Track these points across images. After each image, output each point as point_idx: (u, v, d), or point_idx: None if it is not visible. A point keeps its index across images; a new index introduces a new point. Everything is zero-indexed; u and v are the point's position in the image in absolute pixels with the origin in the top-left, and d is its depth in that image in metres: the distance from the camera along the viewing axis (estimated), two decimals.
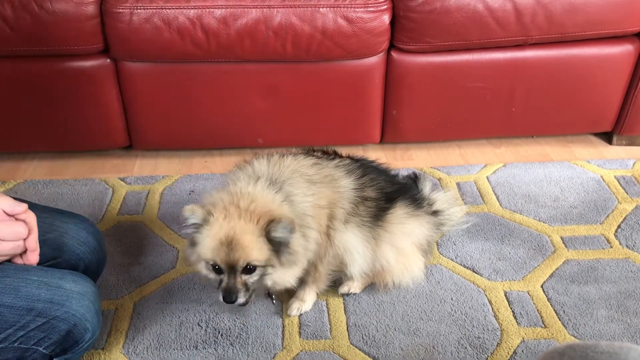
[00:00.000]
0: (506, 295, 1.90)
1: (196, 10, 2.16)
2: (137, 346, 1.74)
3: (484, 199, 2.32)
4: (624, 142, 2.67)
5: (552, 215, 2.23)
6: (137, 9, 2.15)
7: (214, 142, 2.60)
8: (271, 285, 1.62)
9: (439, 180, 2.44)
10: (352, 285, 1.88)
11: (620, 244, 2.09)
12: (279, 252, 1.55)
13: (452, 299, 1.88)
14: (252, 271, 1.56)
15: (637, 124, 2.56)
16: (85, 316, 1.43)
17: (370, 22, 2.20)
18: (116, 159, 2.60)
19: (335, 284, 1.88)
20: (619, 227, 2.17)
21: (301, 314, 1.84)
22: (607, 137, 2.71)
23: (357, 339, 1.76)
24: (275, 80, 2.36)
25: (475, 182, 2.42)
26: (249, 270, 1.56)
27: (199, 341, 1.75)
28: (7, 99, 2.34)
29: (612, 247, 2.08)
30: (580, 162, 2.54)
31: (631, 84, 2.47)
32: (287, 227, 1.51)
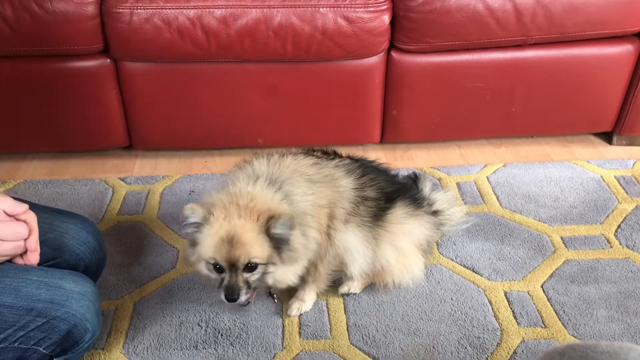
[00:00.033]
0: (506, 295, 1.90)
1: (196, 10, 2.16)
2: (137, 346, 1.74)
3: (484, 199, 2.32)
4: (624, 142, 2.67)
5: (552, 215, 2.23)
6: (137, 9, 2.15)
7: (214, 142, 2.60)
8: (272, 283, 1.62)
9: (439, 180, 2.44)
10: (352, 285, 1.88)
11: (620, 244, 2.09)
12: (279, 249, 1.55)
13: (452, 299, 1.88)
14: (254, 269, 1.56)
15: (637, 124, 2.56)
16: (85, 316, 1.43)
17: (370, 22, 2.20)
18: (116, 159, 2.60)
19: (335, 284, 1.88)
20: (619, 227, 2.17)
21: (301, 314, 1.84)
22: (607, 137, 2.71)
23: (357, 339, 1.76)
24: (275, 80, 2.36)
25: (475, 182, 2.42)
26: (250, 268, 1.56)
27: (199, 341, 1.75)
28: (7, 99, 2.34)
29: (612, 247, 2.08)
30: (580, 162, 2.54)
31: (631, 84, 2.47)
32: (287, 223, 1.51)
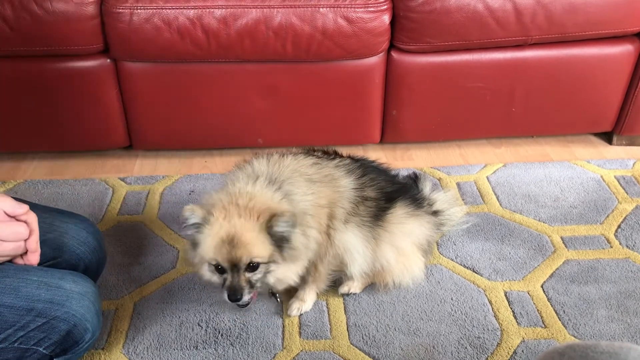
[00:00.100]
0: (506, 295, 1.90)
1: (196, 10, 2.16)
2: (137, 346, 1.74)
3: (484, 199, 2.32)
4: (624, 142, 2.67)
5: (552, 215, 2.23)
6: (137, 9, 2.15)
7: (214, 142, 2.60)
8: (274, 282, 1.62)
9: (439, 180, 2.44)
10: (352, 285, 1.88)
11: (620, 244, 2.09)
12: (281, 248, 1.55)
13: (452, 299, 1.88)
14: (256, 268, 1.56)
15: (637, 124, 2.56)
16: (85, 316, 1.43)
17: (370, 22, 2.20)
18: (116, 159, 2.60)
19: (335, 284, 1.88)
20: (619, 227, 2.17)
21: (301, 314, 1.84)
22: (607, 137, 2.71)
23: (357, 339, 1.76)
24: (275, 80, 2.36)
25: (475, 182, 2.42)
26: (252, 267, 1.56)
27: (199, 341, 1.75)
28: (7, 99, 2.34)
29: (612, 247, 2.08)
30: (580, 162, 2.54)
31: (631, 84, 2.47)
32: (289, 220, 1.52)
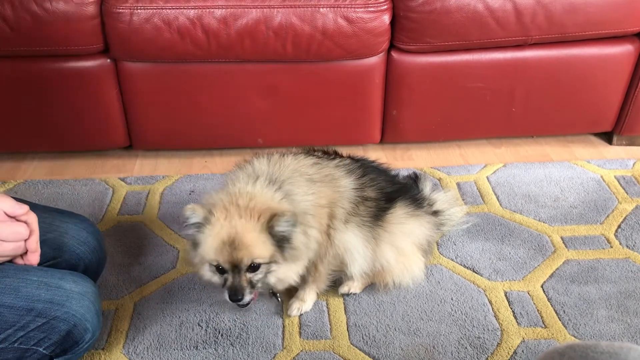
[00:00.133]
0: (506, 295, 1.90)
1: (196, 10, 2.16)
2: (138, 346, 1.74)
3: (484, 199, 2.32)
4: (624, 142, 2.67)
5: (552, 215, 2.23)
6: (137, 9, 2.15)
7: (214, 142, 2.60)
8: (275, 282, 1.62)
9: (439, 180, 2.44)
10: (352, 285, 1.88)
11: (620, 244, 2.09)
12: (281, 248, 1.55)
13: (452, 299, 1.88)
14: (257, 269, 1.56)
15: (637, 124, 2.56)
16: (85, 316, 1.43)
17: (370, 22, 2.20)
18: (116, 159, 2.60)
19: (335, 284, 1.88)
20: (619, 227, 2.17)
21: (301, 314, 1.84)
22: (607, 137, 2.71)
23: (358, 339, 1.76)
24: (275, 80, 2.36)
25: (475, 182, 2.42)
26: (253, 268, 1.56)
27: (199, 341, 1.75)
28: (7, 99, 2.34)
29: (612, 247, 2.08)
30: (580, 162, 2.54)
31: (631, 84, 2.47)
32: (290, 220, 1.52)
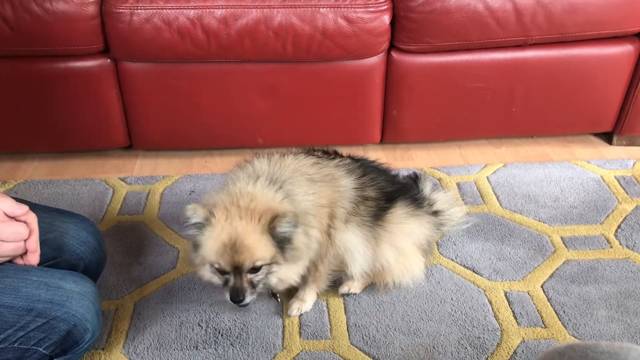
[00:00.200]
0: (506, 295, 1.90)
1: (196, 10, 2.16)
2: (138, 346, 1.74)
3: (484, 199, 2.32)
4: (624, 142, 2.67)
5: (552, 215, 2.23)
6: (137, 9, 2.15)
7: (214, 142, 2.60)
8: (276, 283, 1.62)
9: (439, 180, 2.44)
10: (352, 285, 1.88)
11: (620, 244, 2.09)
12: (283, 248, 1.55)
13: (452, 299, 1.88)
14: (258, 270, 1.56)
15: (637, 124, 2.56)
16: (85, 316, 1.43)
17: (370, 22, 2.20)
18: (116, 159, 2.60)
19: (335, 284, 1.88)
20: (619, 227, 2.17)
21: (301, 314, 1.84)
22: (607, 137, 2.71)
23: (358, 339, 1.76)
24: (275, 80, 2.36)
25: (475, 182, 2.42)
26: (254, 269, 1.55)
27: (199, 341, 1.75)
28: (7, 99, 2.34)
29: (612, 247, 2.08)
30: (580, 162, 2.54)
31: (631, 84, 2.47)
32: (291, 221, 1.52)
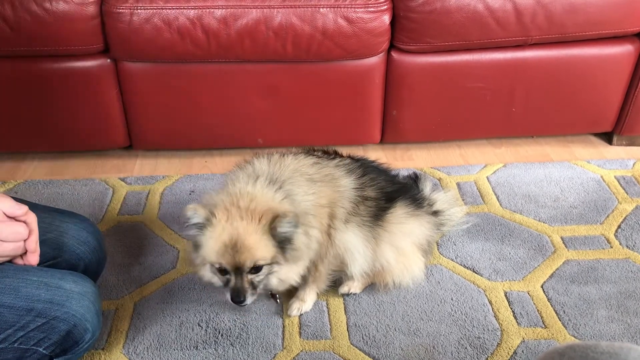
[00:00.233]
0: (506, 295, 1.90)
1: (196, 10, 2.16)
2: (138, 346, 1.74)
3: (484, 199, 2.32)
4: (624, 142, 2.67)
5: (552, 215, 2.23)
6: (137, 9, 2.15)
7: (214, 142, 2.60)
8: (276, 283, 1.62)
9: (439, 180, 2.44)
10: (352, 285, 1.88)
11: (620, 244, 2.09)
12: (283, 249, 1.55)
13: (452, 299, 1.88)
14: (259, 270, 1.56)
15: (637, 124, 2.56)
16: (85, 316, 1.43)
17: (370, 22, 2.20)
18: (116, 159, 2.60)
19: (335, 284, 1.88)
20: (619, 227, 2.17)
21: (301, 314, 1.84)
22: (607, 137, 2.71)
23: (358, 339, 1.76)
24: (275, 80, 2.36)
25: (475, 182, 2.42)
26: (255, 269, 1.56)
27: (199, 341, 1.75)
28: (7, 99, 2.34)
29: (612, 247, 2.08)
30: (580, 162, 2.54)
31: (631, 84, 2.47)
32: (292, 221, 1.52)
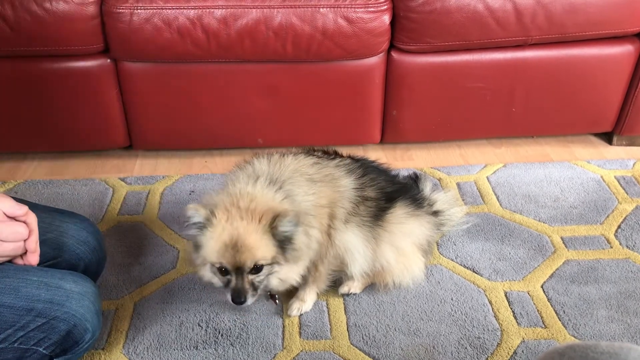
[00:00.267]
0: (506, 295, 1.90)
1: (196, 10, 2.16)
2: (138, 346, 1.74)
3: (484, 199, 2.32)
4: (624, 143, 2.67)
5: (552, 215, 2.23)
6: (137, 9, 2.15)
7: (214, 142, 2.60)
8: (277, 284, 1.62)
9: (439, 180, 2.44)
10: (352, 285, 1.88)
11: (620, 244, 2.09)
12: (283, 249, 1.55)
13: (452, 299, 1.88)
14: (259, 270, 1.56)
15: (637, 124, 2.56)
16: (85, 316, 1.43)
17: (370, 22, 2.20)
18: (116, 159, 2.60)
19: (335, 284, 1.88)
20: (619, 227, 2.17)
21: (301, 314, 1.84)
22: (607, 138, 2.71)
23: (358, 339, 1.76)
24: (275, 80, 2.36)
25: (475, 182, 2.42)
26: (256, 269, 1.56)
27: (199, 341, 1.75)
28: (7, 99, 2.34)
29: (612, 247, 2.08)
30: (580, 162, 2.54)
31: (631, 84, 2.47)
32: (293, 220, 1.52)
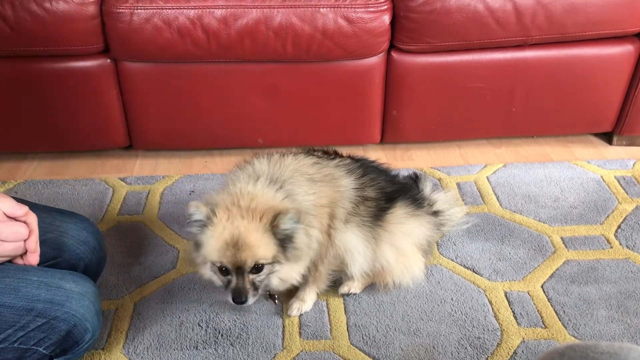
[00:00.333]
0: (506, 295, 1.90)
1: (196, 10, 2.16)
2: (138, 346, 1.74)
3: (484, 199, 2.32)
4: (624, 143, 2.67)
5: (552, 215, 2.23)
6: (137, 9, 2.15)
7: (214, 142, 2.60)
8: (277, 284, 1.62)
9: (439, 180, 2.44)
10: (352, 285, 1.88)
11: (620, 244, 2.09)
12: (284, 248, 1.55)
13: (452, 299, 1.88)
14: (260, 270, 1.56)
15: (637, 124, 2.56)
16: (85, 316, 1.43)
17: (370, 22, 2.20)
18: (116, 159, 2.60)
19: (335, 284, 1.88)
20: (619, 227, 2.17)
21: (301, 314, 1.84)
22: (607, 138, 2.71)
23: (358, 339, 1.76)
24: (275, 80, 2.36)
25: (475, 183, 2.42)
26: (257, 269, 1.56)
27: (199, 341, 1.75)
28: (7, 99, 2.34)
29: (612, 247, 2.08)
30: (580, 162, 2.54)
31: (631, 84, 2.47)
32: (294, 218, 1.52)
